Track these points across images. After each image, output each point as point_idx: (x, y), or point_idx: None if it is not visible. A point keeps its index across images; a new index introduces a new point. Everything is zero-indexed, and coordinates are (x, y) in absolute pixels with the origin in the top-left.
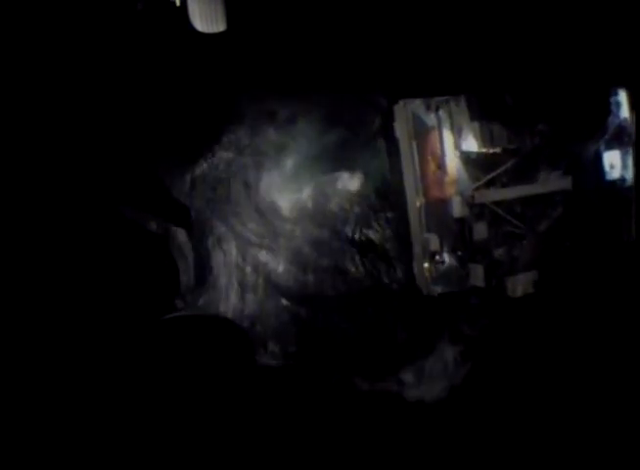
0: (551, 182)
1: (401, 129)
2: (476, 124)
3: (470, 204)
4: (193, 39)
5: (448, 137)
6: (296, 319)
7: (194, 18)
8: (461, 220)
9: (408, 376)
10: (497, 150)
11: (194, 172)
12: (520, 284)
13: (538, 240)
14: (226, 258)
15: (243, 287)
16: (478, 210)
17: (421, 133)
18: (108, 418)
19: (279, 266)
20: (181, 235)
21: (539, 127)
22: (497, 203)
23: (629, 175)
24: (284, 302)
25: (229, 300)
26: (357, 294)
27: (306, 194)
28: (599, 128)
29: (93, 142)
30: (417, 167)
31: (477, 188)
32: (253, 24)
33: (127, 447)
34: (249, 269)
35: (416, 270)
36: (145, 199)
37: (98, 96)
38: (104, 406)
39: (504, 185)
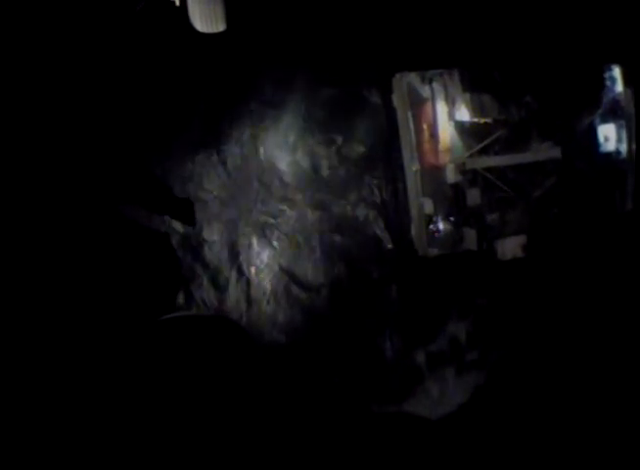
0: (541, 151)
1: (398, 100)
2: (467, 96)
3: (462, 170)
4: (192, 39)
5: (442, 108)
6: (301, 302)
7: (194, 18)
8: (455, 186)
9: (420, 357)
10: (488, 120)
11: (193, 163)
12: (509, 247)
13: (529, 206)
14: (232, 245)
15: (250, 273)
16: (471, 176)
17: (416, 104)
18: (107, 419)
19: (283, 248)
20: (184, 229)
21: (526, 100)
22: (489, 170)
23: (624, 148)
24: (290, 282)
25: (239, 291)
26: (358, 263)
27: (306, 160)
28: (592, 102)
29: (93, 140)
30: (413, 136)
31: (469, 156)
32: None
33: (127, 448)
34: (256, 252)
35: (413, 233)
36: (144, 194)
37: (98, 95)
38: (102, 407)
39: (496, 154)
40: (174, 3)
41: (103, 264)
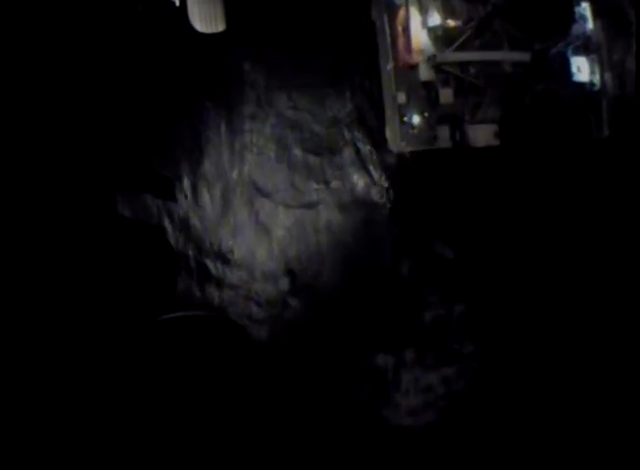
0: (510, 54)
1: (376, 13)
2: (439, 2)
3: (434, 65)
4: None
5: (416, 16)
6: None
7: (193, 18)
8: (428, 84)
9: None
10: (459, 23)
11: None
12: (481, 134)
13: (500, 98)
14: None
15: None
16: (444, 76)
17: (391, 11)
18: (105, 421)
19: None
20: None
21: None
22: (462, 71)
23: (597, 79)
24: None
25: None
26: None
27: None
28: (562, 30)
29: (89, 137)
30: (388, 38)
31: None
32: None
33: (126, 449)
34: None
35: (387, 131)
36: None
37: (96, 94)
38: (101, 409)
39: None
40: (174, 3)
41: (98, 259)
